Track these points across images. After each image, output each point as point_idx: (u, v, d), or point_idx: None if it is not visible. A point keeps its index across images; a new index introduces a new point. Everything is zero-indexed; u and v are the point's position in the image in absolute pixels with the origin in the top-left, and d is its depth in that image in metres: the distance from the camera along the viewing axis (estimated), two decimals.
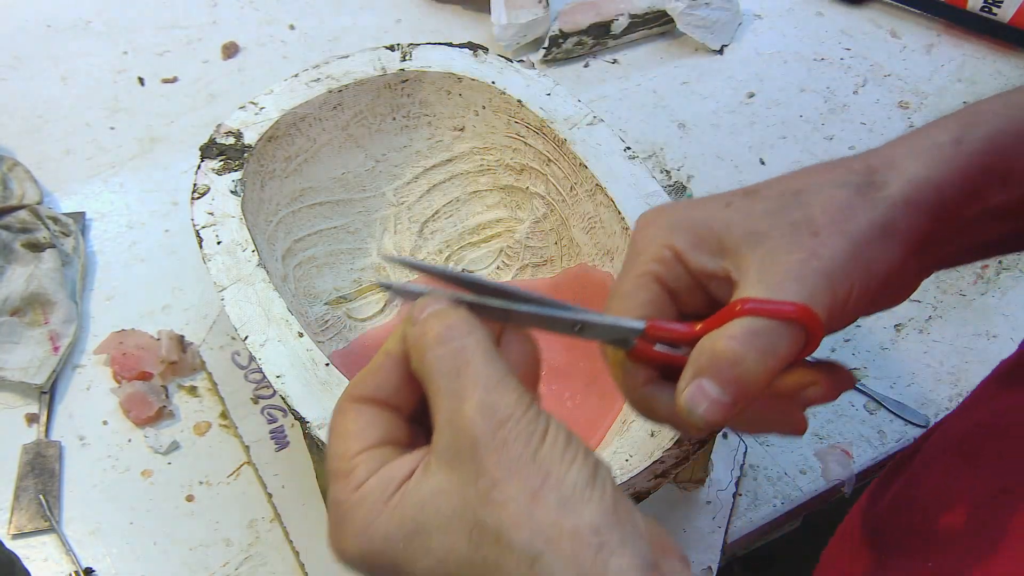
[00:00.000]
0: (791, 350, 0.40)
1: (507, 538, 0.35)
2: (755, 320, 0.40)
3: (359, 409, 0.40)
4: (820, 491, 0.71)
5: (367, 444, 0.39)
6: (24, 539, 0.67)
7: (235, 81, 0.98)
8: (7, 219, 0.80)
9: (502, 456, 0.36)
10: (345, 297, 0.72)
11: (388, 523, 0.37)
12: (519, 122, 0.72)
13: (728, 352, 0.40)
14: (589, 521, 0.35)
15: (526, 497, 0.35)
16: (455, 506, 0.36)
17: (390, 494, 0.37)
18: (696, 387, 0.40)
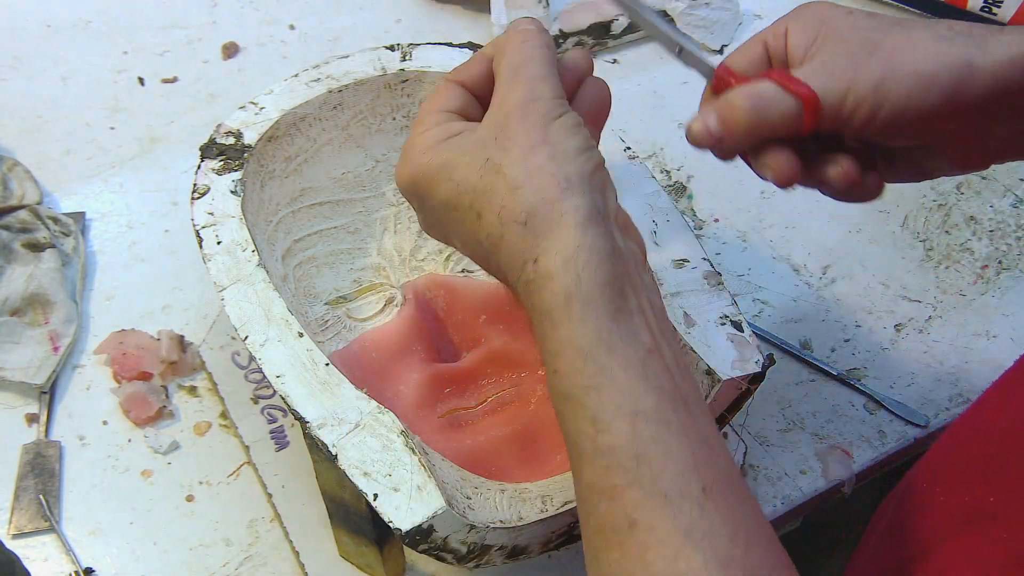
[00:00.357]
0: (782, 118, 0.50)
1: (504, 171, 0.46)
2: (771, 86, 0.51)
3: (449, 86, 0.52)
4: (820, 491, 0.71)
5: (443, 107, 0.51)
6: (24, 539, 0.67)
7: (235, 81, 0.98)
8: (7, 219, 0.80)
9: (523, 121, 0.47)
10: (345, 297, 0.72)
11: (433, 158, 0.49)
12: None
13: (732, 100, 0.51)
14: (566, 173, 0.46)
15: (528, 147, 0.46)
16: (477, 148, 0.48)
17: (442, 139, 0.49)
18: (704, 113, 0.52)
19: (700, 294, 0.60)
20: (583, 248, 0.44)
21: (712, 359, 0.56)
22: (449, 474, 0.55)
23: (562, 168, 0.46)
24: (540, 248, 0.45)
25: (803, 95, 0.50)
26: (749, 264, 0.83)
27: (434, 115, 0.51)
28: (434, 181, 0.49)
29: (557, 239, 0.44)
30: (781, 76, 0.51)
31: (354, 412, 0.54)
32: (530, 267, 0.45)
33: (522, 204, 0.46)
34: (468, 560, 0.53)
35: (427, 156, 0.49)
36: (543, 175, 0.45)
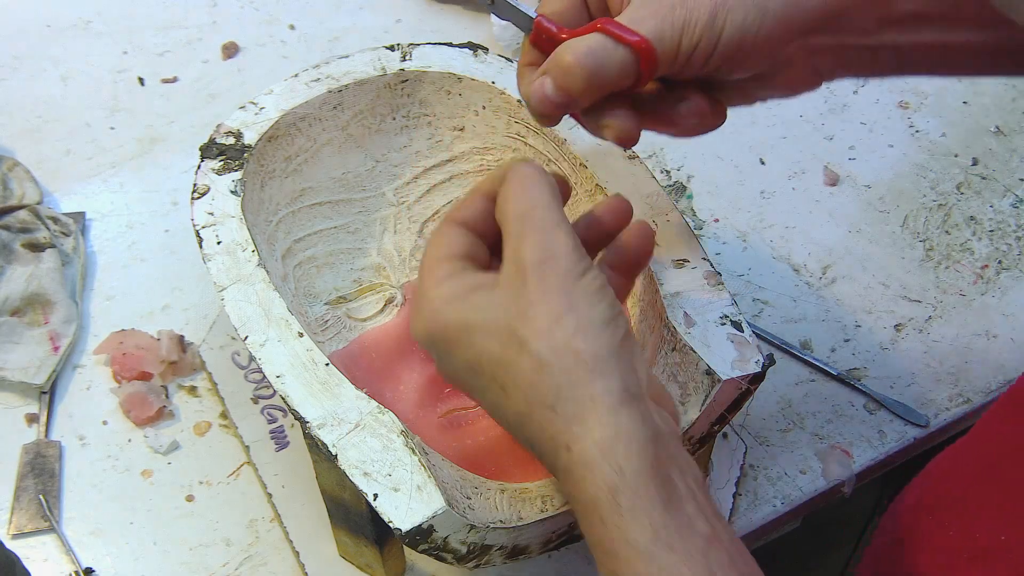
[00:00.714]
0: (620, 73, 0.48)
1: (528, 345, 0.43)
2: (601, 38, 0.47)
3: (452, 228, 0.49)
4: (820, 491, 0.71)
5: (452, 253, 0.48)
6: (24, 539, 0.67)
7: (235, 81, 0.98)
8: (7, 219, 0.80)
9: (543, 284, 0.44)
10: (345, 297, 0.72)
11: (451, 316, 0.46)
12: (519, 122, 0.72)
13: (566, 62, 0.48)
14: (594, 349, 0.43)
15: (551, 319, 0.43)
16: (499, 316, 0.45)
17: (460, 296, 0.46)
18: (539, 82, 0.49)
19: (700, 294, 0.60)
20: (621, 437, 0.41)
21: (712, 359, 0.56)
22: (449, 474, 0.55)
23: (589, 344, 0.43)
24: (572, 435, 0.42)
25: (636, 44, 0.47)
26: (749, 264, 0.83)
27: (445, 264, 0.48)
28: (453, 343, 0.46)
29: (591, 427, 0.42)
30: (610, 26, 0.47)
31: (354, 412, 0.54)
32: (564, 454, 0.43)
33: (549, 386, 0.43)
34: (468, 560, 0.53)
35: (444, 314, 0.46)
36: (569, 353, 0.43)
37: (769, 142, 0.93)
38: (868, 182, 0.90)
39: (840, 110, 0.96)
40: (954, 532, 0.54)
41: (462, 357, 0.46)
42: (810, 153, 0.92)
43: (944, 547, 0.54)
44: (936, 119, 0.95)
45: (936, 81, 0.99)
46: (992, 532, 0.52)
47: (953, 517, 0.55)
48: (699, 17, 0.47)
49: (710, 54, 0.48)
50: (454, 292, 0.46)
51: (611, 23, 0.48)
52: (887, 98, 0.97)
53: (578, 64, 0.47)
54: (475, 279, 0.47)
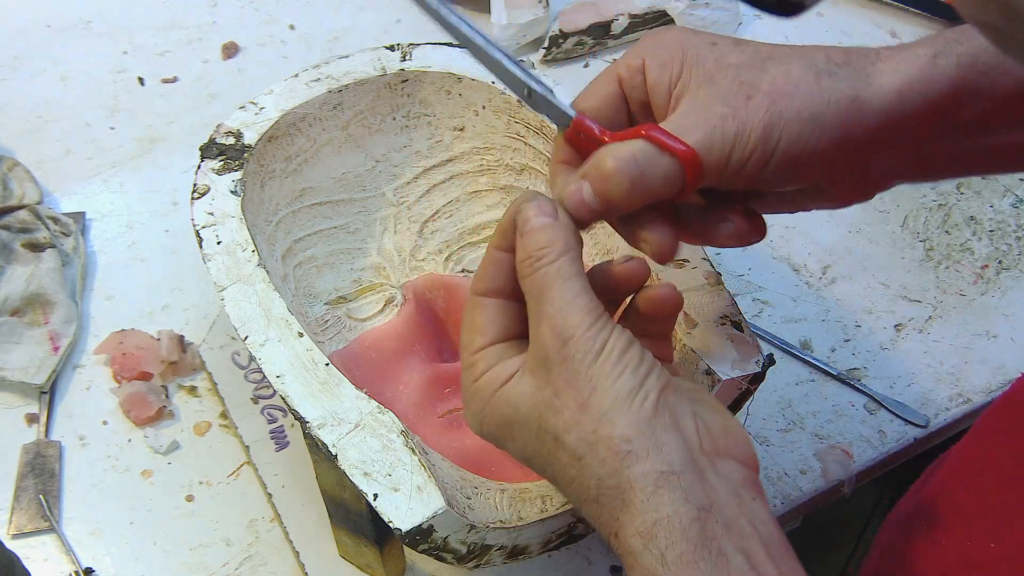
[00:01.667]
0: (664, 184, 0.45)
1: (561, 439, 0.43)
2: (646, 146, 0.45)
3: (483, 303, 0.47)
4: (820, 491, 0.71)
5: (487, 341, 0.47)
6: (24, 539, 0.67)
7: (235, 81, 0.98)
8: (7, 219, 0.80)
9: (564, 370, 0.43)
10: (345, 297, 0.72)
11: (492, 413, 0.46)
12: (519, 122, 0.72)
13: (607, 168, 0.45)
14: (622, 431, 0.41)
15: (576, 407, 0.42)
16: (530, 408, 0.44)
17: (494, 391, 0.46)
18: (577, 187, 0.46)
19: (700, 294, 0.60)
20: (660, 524, 0.40)
21: (712, 359, 0.56)
22: (449, 474, 0.55)
23: (618, 427, 0.41)
24: (618, 524, 0.41)
25: (683, 155, 0.44)
26: (749, 264, 0.83)
27: (483, 356, 0.47)
28: (501, 440, 0.47)
29: (632, 516, 0.41)
30: (655, 132, 0.45)
31: (354, 412, 0.54)
32: (613, 541, 0.42)
33: (589, 478, 0.42)
34: (468, 560, 0.53)
35: (487, 413, 0.46)
36: (600, 442, 0.42)
37: None
38: None
39: None
40: (950, 542, 0.54)
41: (514, 450, 0.46)
42: None
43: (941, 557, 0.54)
44: None
45: None
46: (987, 541, 0.52)
47: (949, 526, 0.55)
48: (753, 129, 0.44)
49: (762, 168, 0.45)
50: (490, 390, 0.46)
51: (656, 129, 0.45)
52: None
53: (620, 172, 0.45)
54: (508, 367, 0.46)
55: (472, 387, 0.47)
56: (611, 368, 0.42)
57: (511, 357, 0.46)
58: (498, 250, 0.47)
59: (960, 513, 0.55)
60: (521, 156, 0.74)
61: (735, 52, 0.46)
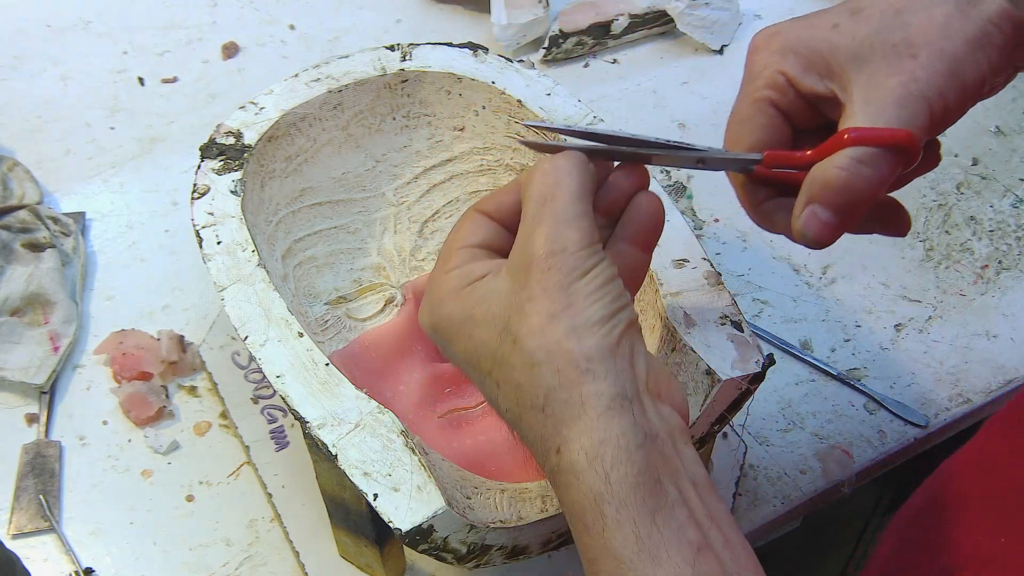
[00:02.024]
0: (893, 172, 0.45)
1: (521, 343, 0.42)
2: (860, 149, 0.44)
3: (475, 217, 0.48)
4: (820, 491, 0.71)
5: (468, 243, 0.47)
6: (24, 539, 0.67)
7: (235, 81, 0.98)
8: (7, 219, 0.80)
9: (544, 279, 0.43)
10: (345, 297, 0.72)
11: (453, 307, 0.45)
12: (519, 122, 0.72)
13: (837, 181, 0.44)
14: (586, 349, 0.42)
15: (546, 316, 0.42)
16: (499, 308, 0.44)
17: (464, 285, 0.45)
18: (809, 213, 0.45)
19: (700, 294, 0.60)
20: (609, 442, 0.40)
21: (712, 359, 0.56)
22: (449, 474, 0.55)
23: (582, 344, 0.42)
24: (561, 437, 0.41)
25: (898, 139, 0.44)
26: (749, 264, 0.83)
27: (457, 253, 0.47)
28: (455, 335, 0.46)
29: (579, 431, 0.41)
30: (856, 133, 0.45)
31: (354, 412, 0.54)
32: (553, 457, 0.42)
33: (539, 386, 0.42)
34: (468, 560, 0.53)
35: (447, 305, 0.46)
36: (561, 353, 0.42)
37: None
38: None
39: None
40: (960, 534, 0.54)
41: (462, 349, 0.46)
42: None
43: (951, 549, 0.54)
44: None
45: None
46: (998, 535, 0.51)
47: (959, 519, 0.55)
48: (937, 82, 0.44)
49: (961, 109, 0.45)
50: (460, 282, 0.46)
51: (856, 129, 0.44)
52: None
53: (851, 178, 0.44)
54: (483, 267, 0.46)
55: (441, 277, 0.46)
56: (592, 291, 0.43)
57: (487, 260, 0.46)
58: (515, 184, 0.48)
59: (971, 506, 0.55)
60: (521, 156, 0.74)
61: (863, 23, 0.46)
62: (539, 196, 0.45)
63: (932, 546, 0.55)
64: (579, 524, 0.41)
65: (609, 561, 0.40)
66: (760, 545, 0.72)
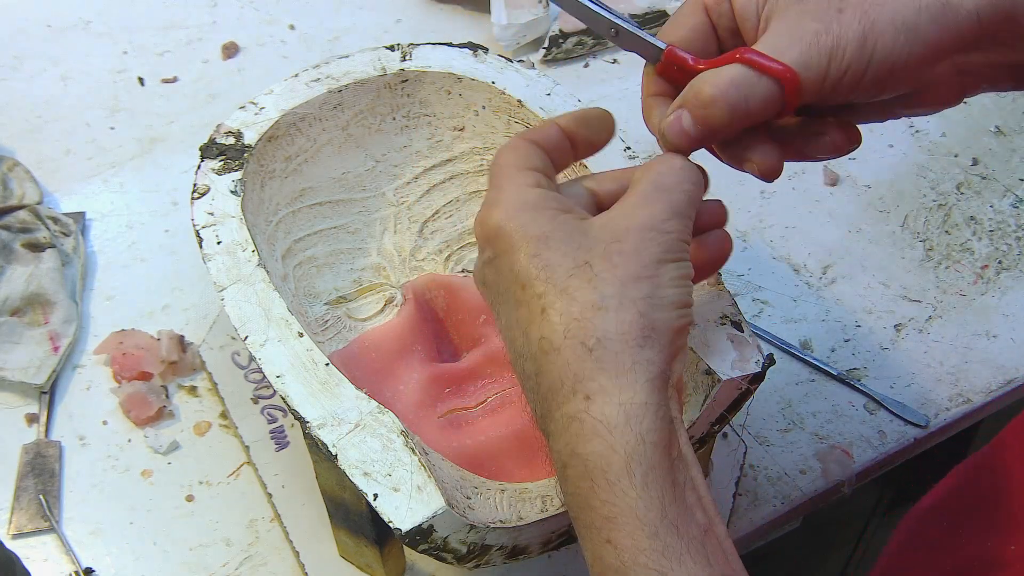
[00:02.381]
0: (764, 105, 0.45)
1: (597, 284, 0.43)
2: (743, 70, 0.45)
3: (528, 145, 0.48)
4: (820, 491, 0.71)
5: (534, 166, 0.47)
6: (24, 539, 0.67)
7: (235, 81, 0.98)
8: (7, 219, 0.80)
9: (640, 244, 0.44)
10: (345, 297, 0.72)
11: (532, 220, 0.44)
12: (519, 122, 0.72)
13: (707, 95, 0.46)
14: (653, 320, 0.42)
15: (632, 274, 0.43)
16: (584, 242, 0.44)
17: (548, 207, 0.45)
18: (676, 116, 0.47)
19: (700, 294, 0.60)
20: (649, 407, 0.41)
21: (712, 359, 0.56)
22: (449, 474, 0.55)
23: (654, 314, 0.43)
24: (598, 385, 0.41)
25: (781, 75, 0.45)
26: (749, 264, 0.83)
27: (531, 174, 0.47)
28: (521, 244, 0.44)
29: (622, 387, 0.41)
30: (751, 55, 0.45)
31: (354, 412, 0.54)
32: (579, 401, 0.42)
33: (598, 328, 0.42)
34: (468, 560, 0.53)
35: (527, 215, 0.45)
36: (633, 311, 0.42)
37: None
38: (868, 182, 0.90)
39: None
40: (969, 538, 0.54)
41: (521, 263, 0.44)
42: None
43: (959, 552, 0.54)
44: (936, 119, 0.95)
45: None
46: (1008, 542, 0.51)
47: (970, 523, 0.55)
48: (847, 44, 0.44)
49: (859, 80, 0.45)
50: (545, 203, 0.45)
51: (752, 52, 0.45)
52: None
53: (721, 96, 0.45)
54: (567, 202, 0.46)
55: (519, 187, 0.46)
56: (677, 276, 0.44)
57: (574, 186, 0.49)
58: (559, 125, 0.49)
59: (983, 511, 0.55)
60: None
61: None
62: (662, 184, 0.46)
63: (939, 546, 0.55)
64: (601, 479, 0.41)
65: (631, 523, 0.40)
66: (760, 545, 0.72)
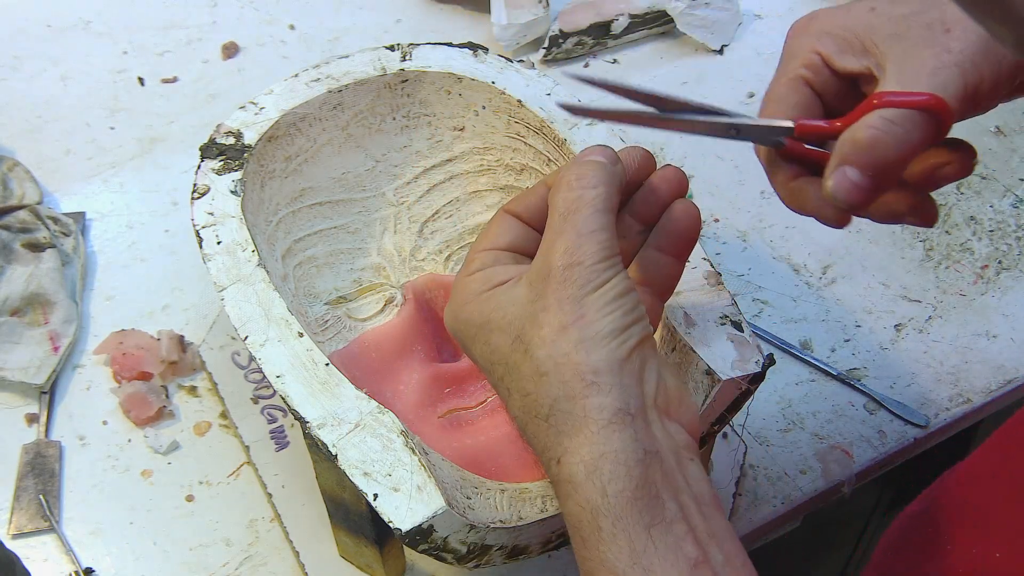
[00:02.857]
0: (923, 136, 0.44)
1: (532, 352, 0.43)
2: (890, 110, 0.44)
3: (503, 218, 0.49)
4: (820, 491, 0.71)
5: (493, 245, 0.48)
6: (24, 539, 0.67)
7: (235, 81, 0.98)
8: (7, 219, 0.80)
9: (559, 290, 0.43)
10: (345, 297, 0.72)
11: (472, 310, 0.46)
12: (519, 122, 0.72)
13: (866, 139, 0.44)
14: (593, 362, 0.42)
15: (559, 327, 0.43)
16: (515, 316, 0.44)
17: (485, 289, 0.46)
18: (840, 173, 0.45)
19: (700, 294, 0.60)
20: (607, 456, 0.41)
21: (712, 359, 0.56)
22: (449, 474, 0.55)
23: (590, 357, 0.42)
24: (563, 448, 0.42)
25: (928, 104, 0.44)
26: (749, 264, 0.83)
27: (482, 256, 0.48)
28: (472, 338, 0.47)
29: (580, 443, 0.41)
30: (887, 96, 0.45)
31: (354, 412, 0.54)
32: (554, 467, 0.43)
33: (545, 396, 0.43)
34: (468, 560, 0.53)
35: (468, 308, 0.47)
36: (568, 365, 0.42)
37: None
38: None
39: None
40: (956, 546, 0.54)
41: (479, 352, 0.47)
42: None
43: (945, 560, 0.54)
44: None
45: None
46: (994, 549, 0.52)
47: (956, 531, 0.55)
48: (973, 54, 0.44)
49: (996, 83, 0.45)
50: (481, 286, 0.47)
51: (887, 94, 0.45)
52: None
53: (883, 135, 0.44)
54: (504, 272, 0.47)
55: (464, 280, 0.48)
56: (604, 304, 0.43)
57: (510, 265, 0.48)
58: (544, 185, 0.48)
59: (969, 519, 0.55)
60: (521, 156, 0.74)
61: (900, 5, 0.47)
62: (563, 208, 0.45)
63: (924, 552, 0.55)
64: (576, 536, 0.42)
65: (604, 573, 0.40)
66: (760, 545, 0.72)
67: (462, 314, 0.47)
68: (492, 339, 0.45)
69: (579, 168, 0.46)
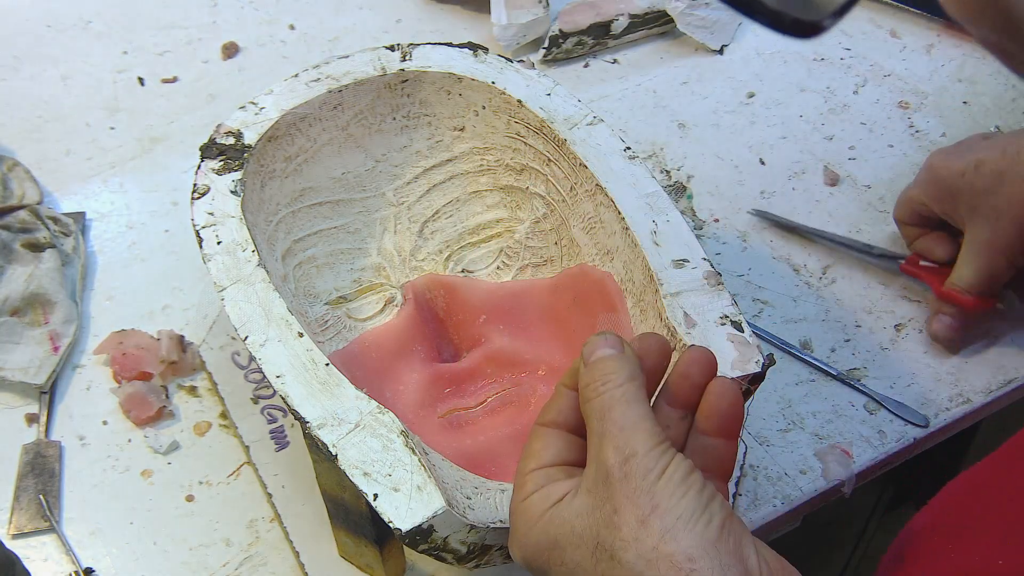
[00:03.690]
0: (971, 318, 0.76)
1: (618, 556, 0.41)
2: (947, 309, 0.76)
3: (541, 433, 0.48)
4: (820, 491, 0.71)
5: (540, 464, 0.47)
6: (24, 539, 0.67)
7: (235, 81, 0.98)
8: (7, 219, 0.80)
9: (625, 486, 0.42)
10: (345, 297, 0.72)
11: (539, 535, 0.45)
12: (519, 122, 0.72)
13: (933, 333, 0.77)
14: (685, 549, 0.40)
15: (636, 523, 0.41)
16: (585, 527, 0.43)
17: (544, 510, 0.45)
18: (938, 319, 0.76)
19: (700, 294, 0.60)
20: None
21: None
22: (449, 474, 0.55)
23: (680, 544, 0.41)
24: None
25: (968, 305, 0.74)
26: (749, 264, 0.83)
27: (531, 477, 0.47)
28: (546, 563, 0.45)
29: None
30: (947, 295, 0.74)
31: (354, 412, 0.54)
32: None
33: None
34: (468, 560, 0.53)
35: (534, 533, 0.45)
36: (661, 559, 0.41)
37: (769, 142, 0.93)
38: (868, 182, 0.90)
39: (840, 110, 0.96)
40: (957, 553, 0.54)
41: (564, 572, 0.44)
42: (810, 153, 0.92)
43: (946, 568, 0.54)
44: (936, 119, 0.95)
45: (936, 81, 0.99)
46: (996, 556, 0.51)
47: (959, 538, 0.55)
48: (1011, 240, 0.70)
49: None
50: (540, 508, 0.45)
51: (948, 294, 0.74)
52: (887, 98, 0.97)
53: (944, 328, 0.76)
54: (560, 488, 0.46)
55: (520, 506, 0.46)
56: (675, 488, 0.42)
57: (563, 480, 0.46)
58: (565, 387, 0.48)
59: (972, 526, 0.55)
60: (521, 156, 0.74)
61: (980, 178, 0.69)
62: (599, 412, 0.45)
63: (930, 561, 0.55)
64: None
65: None
66: None
67: (529, 540, 0.45)
68: (568, 557, 0.44)
69: (597, 370, 0.46)
